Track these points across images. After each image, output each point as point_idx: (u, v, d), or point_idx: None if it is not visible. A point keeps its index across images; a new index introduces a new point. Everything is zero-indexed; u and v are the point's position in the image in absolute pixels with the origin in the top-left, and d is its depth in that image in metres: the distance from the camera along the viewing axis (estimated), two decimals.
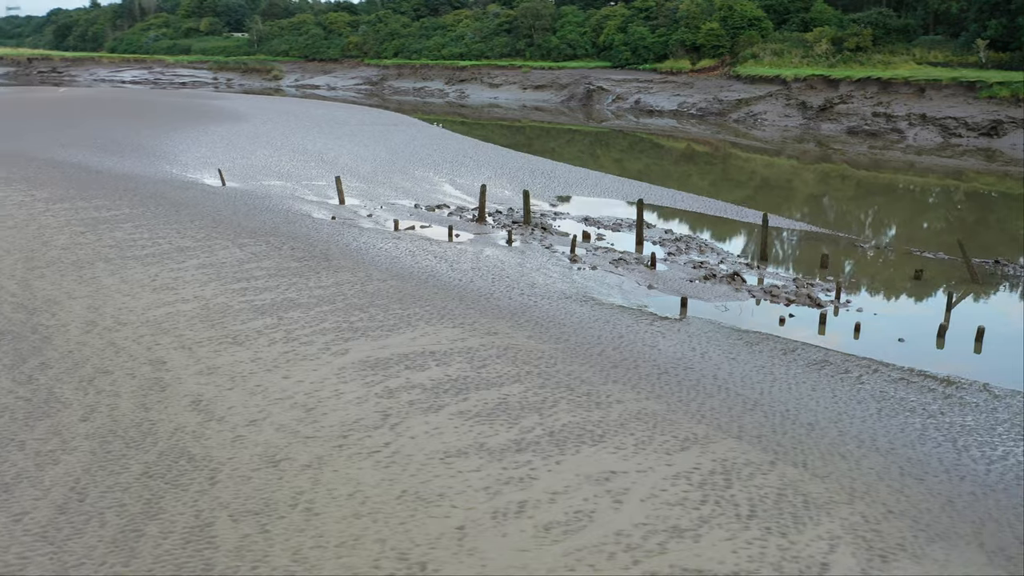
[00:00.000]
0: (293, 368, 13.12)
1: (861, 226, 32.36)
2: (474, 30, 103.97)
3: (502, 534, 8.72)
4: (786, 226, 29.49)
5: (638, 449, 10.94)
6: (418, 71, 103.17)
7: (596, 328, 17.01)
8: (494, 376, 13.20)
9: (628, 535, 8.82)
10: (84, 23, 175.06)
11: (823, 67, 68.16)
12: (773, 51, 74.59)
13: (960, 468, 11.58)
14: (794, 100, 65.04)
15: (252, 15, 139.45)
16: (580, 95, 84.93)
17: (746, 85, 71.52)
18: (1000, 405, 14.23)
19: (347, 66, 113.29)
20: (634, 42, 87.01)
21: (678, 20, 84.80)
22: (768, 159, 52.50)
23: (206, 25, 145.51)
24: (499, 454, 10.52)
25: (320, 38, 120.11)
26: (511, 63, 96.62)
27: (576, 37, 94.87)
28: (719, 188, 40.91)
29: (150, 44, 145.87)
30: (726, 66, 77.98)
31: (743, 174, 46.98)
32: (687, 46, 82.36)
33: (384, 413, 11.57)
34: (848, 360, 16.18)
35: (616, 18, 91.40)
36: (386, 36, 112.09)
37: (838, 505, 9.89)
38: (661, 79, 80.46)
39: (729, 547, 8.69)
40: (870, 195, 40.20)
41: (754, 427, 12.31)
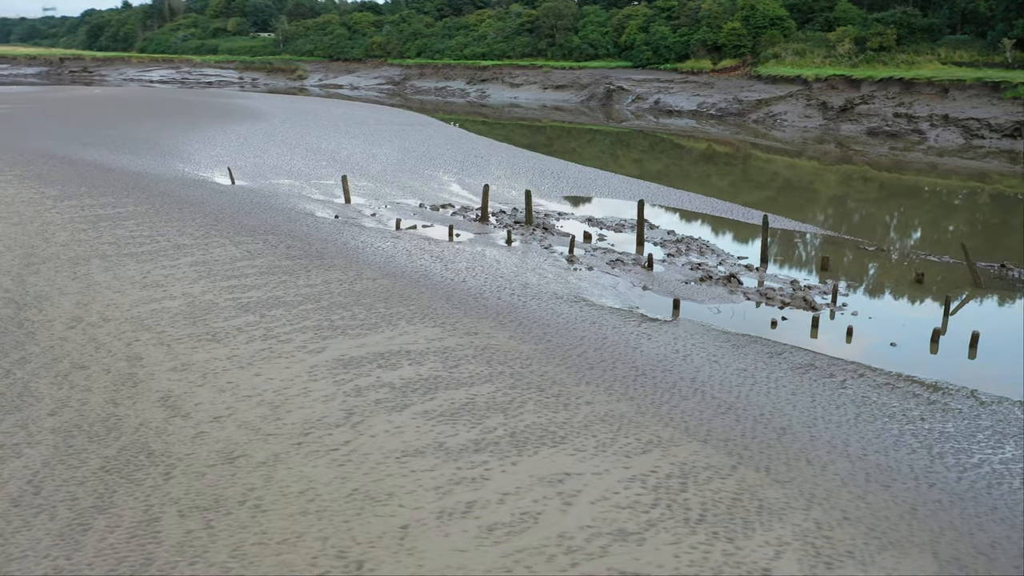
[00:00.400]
0: (266, 365, 13.23)
1: (874, 229, 31.93)
2: (496, 30, 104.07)
3: (444, 534, 8.73)
4: (793, 228, 29.18)
5: (598, 451, 10.89)
6: (440, 71, 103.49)
7: (581, 329, 16.96)
8: (466, 376, 13.21)
9: (571, 537, 8.79)
10: (116, 23, 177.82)
11: (845, 67, 67.33)
12: (795, 51, 73.80)
13: (931, 475, 11.39)
14: (815, 100, 64.30)
15: (278, 15, 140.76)
16: (600, 95, 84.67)
17: (767, 85, 70.84)
18: (984, 412, 13.97)
19: (370, 66, 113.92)
20: (655, 42, 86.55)
21: (700, 20, 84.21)
22: (789, 160, 51.99)
23: (233, 25, 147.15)
24: (456, 454, 10.53)
25: (344, 38, 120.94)
26: (532, 63, 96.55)
27: (598, 37, 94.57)
28: (739, 189, 40.68)
29: (179, 44, 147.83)
30: (747, 66, 77.30)
31: (764, 175, 46.55)
32: (708, 46, 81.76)
33: (348, 411, 11.63)
34: (834, 364, 15.98)
35: (638, 18, 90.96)
36: (409, 36, 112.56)
37: (793, 511, 9.78)
38: (682, 79, 79.96)
39: (671, 551, 8.63)
40: (892, 197, 39.65)
41: (723, 431, 12.20)
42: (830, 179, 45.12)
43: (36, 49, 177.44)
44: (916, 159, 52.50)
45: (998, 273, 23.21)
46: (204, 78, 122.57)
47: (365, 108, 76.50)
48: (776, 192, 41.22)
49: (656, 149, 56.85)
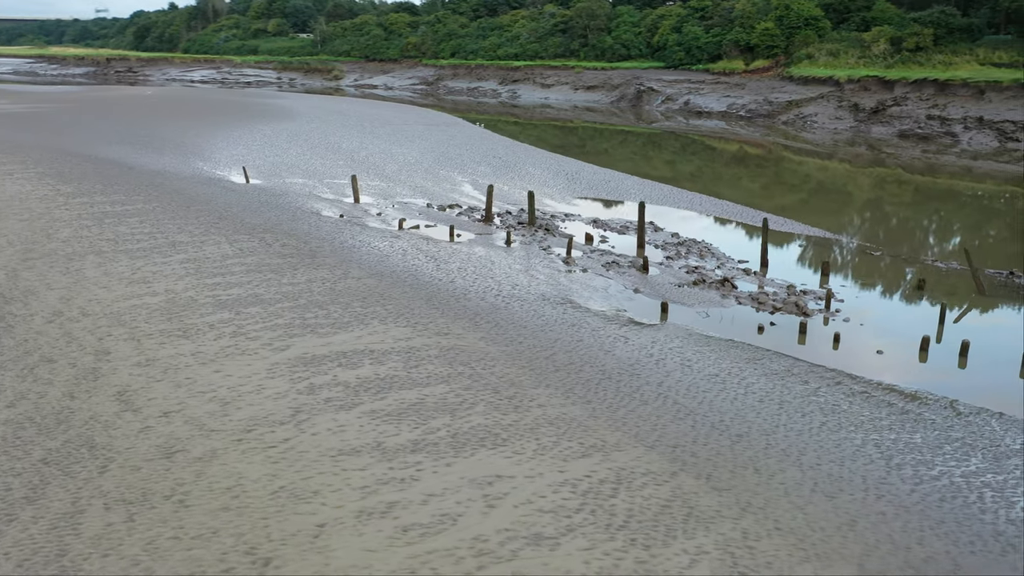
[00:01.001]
0: (228, 362, 13.42)
1: (895, 233, 31.27)
2: (529, 30, 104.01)
3: (358, 534, 8.78)
4: (802, 232, 28.69)
5: (536, 454, 10.85)
6: (473, 71, 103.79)
7: (557, 331, 16.90)
8: (423, 376, 13.25)
9: (485, 540, 8.77)
10: (162, 24, 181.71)
11: (879, 68, 65.97)
12: (829, 51, 72.50)
13: (882, 487, 11.13)
14: (846, 102, 63.11)
15: (317, 16, 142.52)
16: (630, 96, 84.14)
17: (798, 86, 69.73)
18: (959, 423, 13.60)
19: (405, 66, 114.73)
20: (688, 42, 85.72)
21: (733, 20, 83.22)
22: (820, 162, 51.11)
23: (274, 26, 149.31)
24: (392, 454, 10.57)
25: (381, 39, 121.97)
26: (564, 63, 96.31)
27: (631, 37, 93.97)
28: (772, 192, 40.21)
29: (220, 45, 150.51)
30: (780, 67, 76.16)
31: (796, 178, 45.81)
32: (741, 46, 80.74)
33: (297, 409, 11.75)
34: (813, 371, 15.70)
35: (671, 18, 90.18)
36: (444, 36, 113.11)
37: (723, 520, 9.63)
38: (713, 80, 79.09)
39: (583, 557, 8.56)
40: (927, 201, 38.76)
41: (675, 437, 12.06)
42: (863, 182, 44.30)
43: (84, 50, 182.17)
44: (949, 162, 51.26)
45: (1005, 281, 22.56)
46: (243, 78, 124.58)
47: (394, 108, 77.09)
48: (808, 195, 40.60)
49: (687, 151, 56.34)
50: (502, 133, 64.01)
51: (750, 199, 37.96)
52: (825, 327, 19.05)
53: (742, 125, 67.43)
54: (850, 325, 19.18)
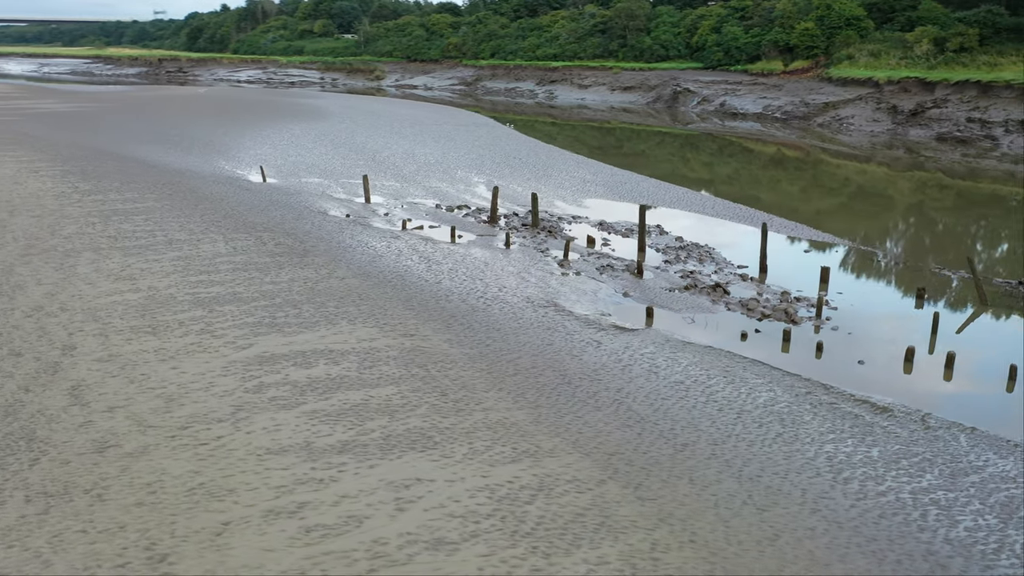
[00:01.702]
0: (187, 359, 13.67)
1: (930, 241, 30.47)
2: (569, 31, 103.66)
3: (261, 533, 8.88)
4: (811, 237, 28.08)
5: (465, 459, 10.84)
6: (511, 72, 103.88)
7: (530, 334, 16.84)
8: (375, 377, 13.34)
9: (384, 543, 8.80)
10: (213, 26, 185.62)
11: (921, 69, 64.23)
12: (870, 52, 70.80)
13: (821, 501, 10.85)
14: (885, 104, 61.59)
15: (362, 17, 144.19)
16: (666, 97, 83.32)
17: (836, 87, 68.26)
18: (925, 438, 13.20)
19: (445, 67, 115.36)
20: (727, 43, 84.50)
21: (773, 20, 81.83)
22: (859, 166, 50.03)
23: (320, 27, 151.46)
24: (318, 454, 10.66)
25: (422, 39, 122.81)
26: (602, 64, 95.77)
27: (670, 38, 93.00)
28: (810, 195, 39.59)
29: (268, 45, 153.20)
30: (820, 67, 74.65)
31: (835, 181, 44.92)
32: (780, 47, 79.32)
33: (239, 407, 11.93)
34: (785, 380, 15.38)
35: (711, 18, 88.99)
36: (484, 37, 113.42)
37: (636, 530, 9.50)
38: (751, 81, 77.86)
39: (478, 563, 8.54)
40: (969, 207, 37.72)
41: (617, 444, 11.94)
42: (903, 186, 43.27)
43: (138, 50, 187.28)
44: (990, 166, 49.70)
45: (1012, 291, 21.81)
46: (288, 78, 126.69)
47: (428, 108, 77.59)
48: (848, 199, 39.81)
49: (724, 153, 55.63)
50: (538, 134, 64.09)
51: (788, 202, 37.57)
52: (813, 335, 18.64)
53: (777, 127, 66.31)
54: (838, 334, 18.75)
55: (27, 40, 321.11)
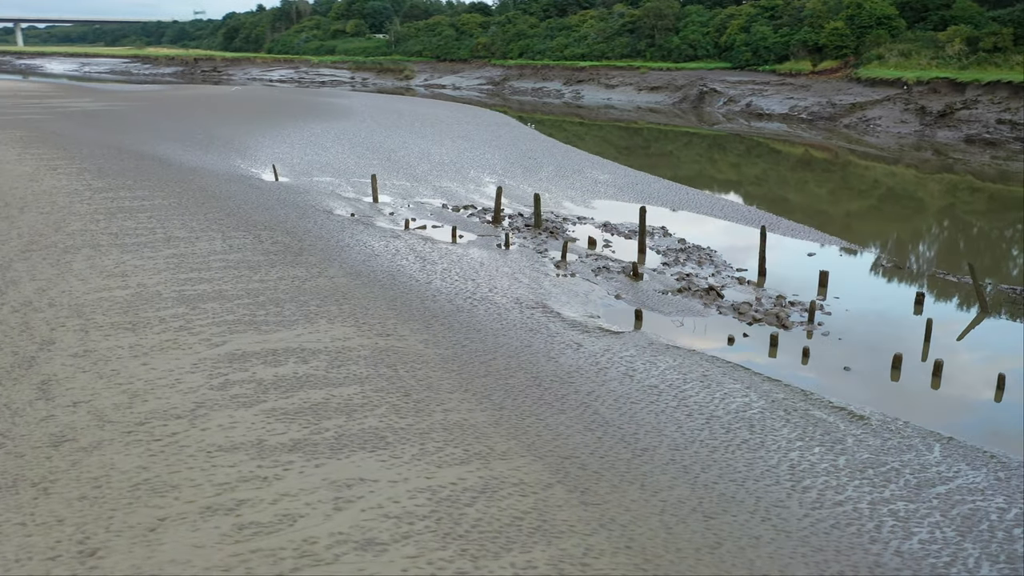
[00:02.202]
0: (159, 356, 13.88)
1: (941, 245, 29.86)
2: (597, 30, 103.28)
3: (194, 529, 8.98)
4: (817, 240, 27.62)
5: (414, 459, 10.86)
6: (539, 71, 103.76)
7: (510, 335, 16.82)
8: (341, 377, 13.42)
9: (314, 543, 8.85)
10: (249, 25, 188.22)
11: (952, 69, 62.90)
12: (900, 52, 69.48)
13: (775, 510, 10.69)
14: (913, 105, 60.39)
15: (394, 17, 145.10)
16: (692, 97, 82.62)
17: (864, 88, 67.08)
18: (896, 447, 12.93)
19: (474, 66, 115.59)
20: (755, 42, 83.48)
21: (803, 19, 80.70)
22: (887, 168, 49.16)
23: (352, 27, 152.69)
24: (268, 453, 10.76)
25: (452, 39, 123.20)
26: (629, 64, 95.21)
27: (698, 37, 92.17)
28: (839, 197, 39.03)
29: (301, 45, 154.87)
30: (849, 68, 73.43)
31: (864, 183, 44.20)
32: (809, 46, 78.20)
33: (199, 404, 12.07)
34: (762, 386, 15.17)
35: (740, 17, 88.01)
36: (513, 37, 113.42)
37: (572, 535, 9.44)
38: (778, 81, 76.83)
39: (403, 565, 8.55)
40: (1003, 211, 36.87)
41: (574, 448, 11.87)
42: (933, 189, 42.47)
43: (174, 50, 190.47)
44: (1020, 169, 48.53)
45: (1016, 297, 21.26)
46: (319, 78, 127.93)
47: (451, 108, 77.81)
48: (879, 201, 39.15)
49: (752, 153, 55.02)
50: (564, 133, 64.11)
51: (816, 204, 37.19)
52: (802, 340, 18.34)
53: (803, 128, 65.37)
54: (828, 339, 18.45)
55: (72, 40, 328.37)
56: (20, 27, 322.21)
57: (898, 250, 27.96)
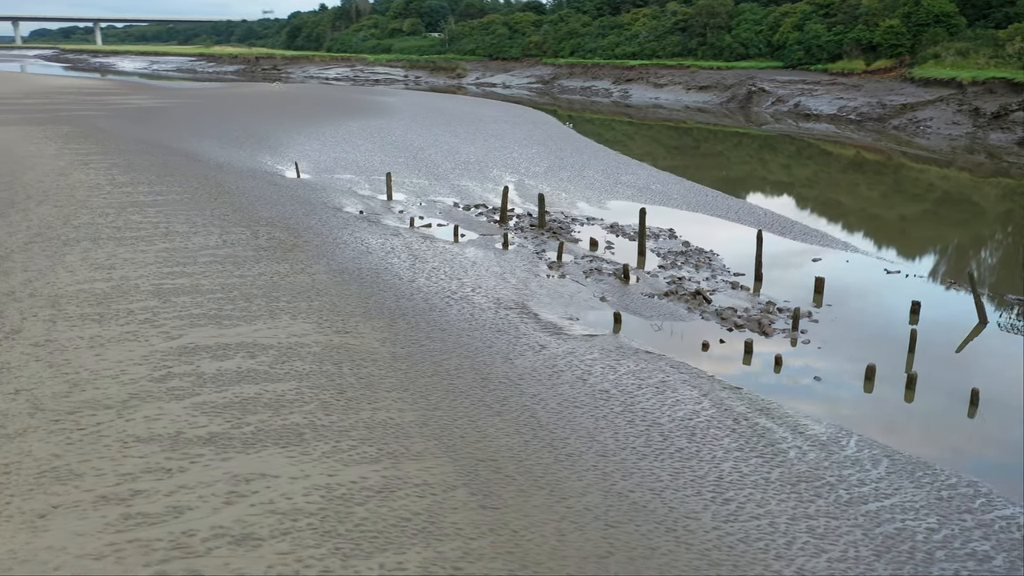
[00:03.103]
0: (114, 347, 14.28)
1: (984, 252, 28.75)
2: (649, 29, 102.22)
3: (82, 518, 9.23)
4: (827, 244, 26.81)
5: (324, 457, 10.95)
6: (588, 70, 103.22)
7: (474, 336, 16.80)
8: (282, 373, 13.60)
9: (192, 535, 9.00)
10: (311, 25, 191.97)
11: (1012, 69, 60.27)
12: (957, 51, 66.88)
13: (683, 522, 10.46)
14: (966, 106, 58.09)
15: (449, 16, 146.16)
16: (740, 97, 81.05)
17: (917, 88, 64.80)
18: (839, 463, 12.51)
19: (525, 65, 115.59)
20: (808, 41, 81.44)
21: (857, 17, 78.40)
22: (940, 171, 47.50)
23: (408, 26, 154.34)
24: (181, 445, 10.98)
25: (505, 37, 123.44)
26: (679, 63, 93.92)
27: (751, 36, 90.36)
28: (891, 201, 38.02)
29: (359, 44, 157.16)
30: (904, 67, 71.03)
31: (918, 187, 42.86)
32: (863, 45, 75.91)
33: (133, 395, 12.39)
34: (721, 394, 14.83)
35: (794, 15, 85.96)
36: (565, 35, 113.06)
37: (455, 539, 9.39)
38: (829, 80, 74.78)
39: (271, 561, 8.63)
40: None
41: (496, 450, 11.81)
42: (989, 193, 40.94)
43: (237, 49, 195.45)
44: None
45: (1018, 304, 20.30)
46: (373, 76, 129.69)
47: (493, 106, 77.96)
48: (934, 205, 37.97)
49: (803, 155, 53.77)
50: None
51: (868, 207, 36.35)
52: (780, 348, 17.85)
53: (851, 129, 63.50)
54: (808, 348, 17.93)
55: (147, 39, 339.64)
56: (99, 27, 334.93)
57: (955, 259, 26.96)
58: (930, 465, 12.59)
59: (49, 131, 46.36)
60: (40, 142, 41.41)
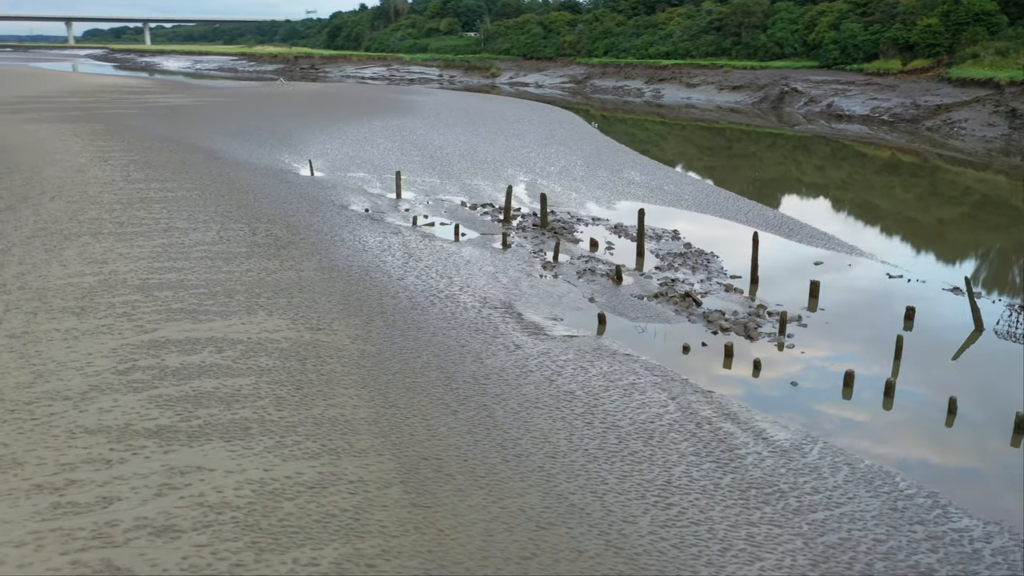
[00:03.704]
0: (86, 340, 14.57)
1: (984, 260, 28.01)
2: (683, 28, 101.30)
3: (13, 505, 9.43)
4: (837, 248, 26.27)
5: (265, 451, 11.05)
6: (621, 70, 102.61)
7: (450, 334, 16.80)
8: (244, 368, 13.75)
9: (115, 526, 9.14)
10: (351, 24, 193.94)
11: None
12: (997, 50, 65.07)
13: (618, 526, 10.34)
14: (1003, 107, 56.50)
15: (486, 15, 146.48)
16: (772, 97, 79.87)
17: (953, 88, 63.18)
18: (796, 469, 12.27)
19: (559, 64, 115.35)
20: (844, 40, 79.92)
21: (895, 16, 76.72)
22: (977, 174, 46.33)
23: (445, 25, 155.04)
24: (128, 437, 11.16)
25: (540, 37, 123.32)
26: (713, 62, 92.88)
27: (786, 35, 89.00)
28: (927, 204, 37.31)
29: (396, 44, 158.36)
30: (941, 67, 69.33)
31: (955, 189, 41.91)
32: (900, 44, 74.25)
33: (93, 387, 12.63)
34: (690, 397, 14.63)
35: (831, 14, 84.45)
36: (599, 35, 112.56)
37: (377, 536, 9.40)
38: (864, 80, 73.27)
39: (186, 552, 8.73)
40: None
41: (442, 449, 11.80)
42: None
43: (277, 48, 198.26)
44: None
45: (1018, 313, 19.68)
46: (408, 75, 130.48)
47: (521, 106, 77.88)
48: (972, 209, 37.15)
49: (837, 156, 52.81)
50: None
51: (904, 210, 35.76)
52: (763, 352, 17.54)
53: (884, 130, 62.17)
54: (791, 352, 17.62)
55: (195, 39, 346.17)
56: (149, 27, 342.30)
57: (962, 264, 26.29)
58: (892, 475, 12.28)
59: (80, 128, 47.49)
60: (68, 139, 42.45)
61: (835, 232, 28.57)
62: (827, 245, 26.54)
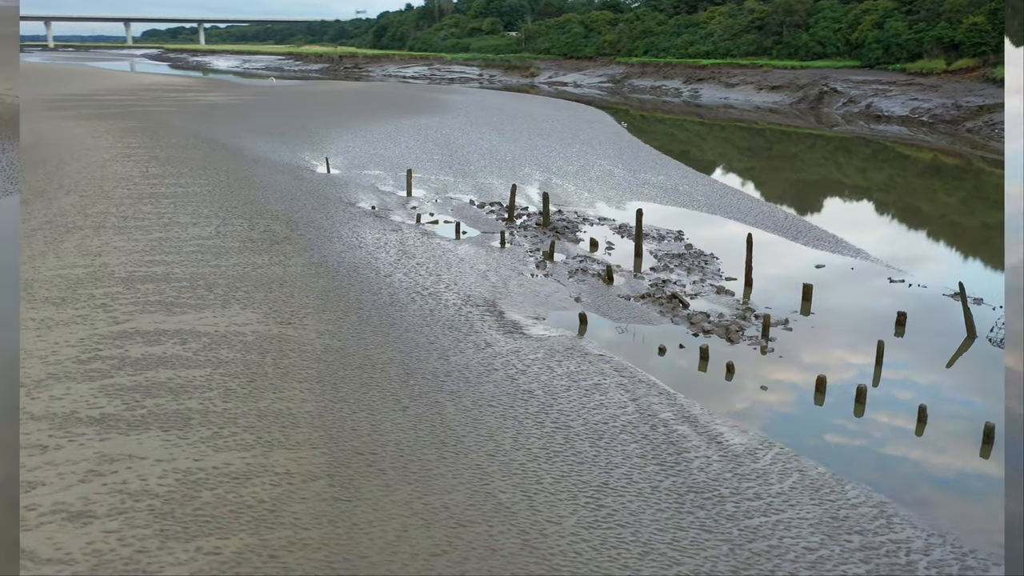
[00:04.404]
0: (59, 330, 14.96)
1: None
2: (724, 27, 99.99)
3: None
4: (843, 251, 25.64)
5: (199, 442, 11.21)
6: (660, 69, 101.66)
7: (423, 331, 16.86)
8: (202, 360, 13.97)
9: (33, 509, 9.37)
10: (396, 24, 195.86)
11: None
12: None
13: (540, 527, 10.26)
14: None
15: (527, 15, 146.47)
16: (811, 98, 78.31)
17: (997, 89, 61.19)
18: (742, 475, 12.05)
19: (598, 64, 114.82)
20: (888, 39, 78.00)
21: (940, 14, 74.63)
22: None
23: (488, 25, 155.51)
24: (70, 424, 11.43)
25: (580, 36, 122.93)
26: (753, 62, 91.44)
27: (828, 34, 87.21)
28: (971, 206, 36.51)
29: (439, 43, 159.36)
30: (987, 66, 67.24)
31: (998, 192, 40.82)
32: (944, 43, 72.23)
33: (51, 375, 12.96)
34: (653, 399, 14.45)
35: (875, 12, 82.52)
36: (639, 34, 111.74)
37: (288, 528, 9.47)
38: (905, 81, 71.42)
39: (93, 538, 8.91)
40: None
41: (380, 445, 11.84)
42: None
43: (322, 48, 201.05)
44: None
45: None
46: (449, 75, 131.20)
47: (552, 105, 77.67)
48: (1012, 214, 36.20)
49: (878, 158, 51.67)
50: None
51: (948, 213, 35.05)
52: (742, 356, 17.21)
53: (924, 131, 60.56)
54: (771, 356, 17.29)
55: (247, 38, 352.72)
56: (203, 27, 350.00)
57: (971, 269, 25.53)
58: (842, 483, 11.95)
59: (113, 125, 48.75)
60: (100, 136, 43.60)
61: (843, 235, 27.86)
62: (832, 248, 25.93)
